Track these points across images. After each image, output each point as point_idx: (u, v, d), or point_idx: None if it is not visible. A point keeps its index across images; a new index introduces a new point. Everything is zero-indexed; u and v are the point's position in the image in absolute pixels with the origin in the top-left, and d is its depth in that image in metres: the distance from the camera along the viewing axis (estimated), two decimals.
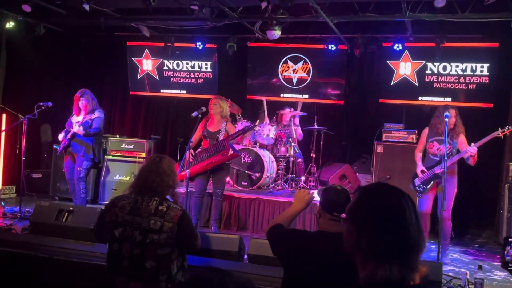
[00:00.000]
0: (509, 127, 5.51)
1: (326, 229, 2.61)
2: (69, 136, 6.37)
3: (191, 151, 5.94)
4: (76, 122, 6.38)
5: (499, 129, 5.53)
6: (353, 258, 1.55)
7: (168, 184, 2.96)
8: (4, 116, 8.23)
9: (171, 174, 3.00)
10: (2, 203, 7.23)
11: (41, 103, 6.57)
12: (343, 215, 1.62)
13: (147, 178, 2.94)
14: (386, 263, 1.43)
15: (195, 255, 4.13)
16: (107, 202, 3.14)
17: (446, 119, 5.15)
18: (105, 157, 7.91)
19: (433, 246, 6.32)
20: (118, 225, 2.85)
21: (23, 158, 6.56)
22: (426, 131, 5.78)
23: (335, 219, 2.59)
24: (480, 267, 4.33)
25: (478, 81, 7.84)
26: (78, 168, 6.36)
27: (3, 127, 8.16)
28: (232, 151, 5.97)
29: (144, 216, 2.82)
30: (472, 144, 5.42)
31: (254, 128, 7.80)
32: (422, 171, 5.65)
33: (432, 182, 5.58)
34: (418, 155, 5.83)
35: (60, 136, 6.48)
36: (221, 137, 6.07)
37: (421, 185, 5.65)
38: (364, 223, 1.50)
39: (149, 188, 2.90)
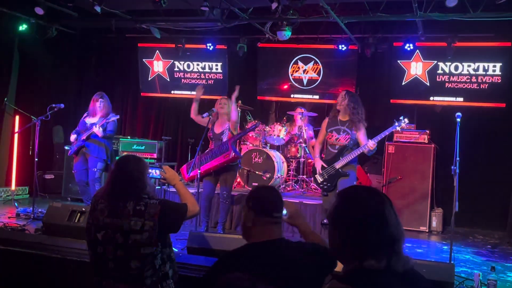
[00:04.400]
0: (405, 120, 5.47)
1: (268, 236, 2.30)
2: (83, 137, 6.41)
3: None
4: (92, 124, 6.42)
5: (395, 122, 5.49)
6: (338, 258, 1.73)
7: (138, 187, 2.91)
8: (17, 118, 8.33)
9: (140, 176, 2.93)
10: (16, 204, 7.30)
11: (54, 105, 6.63)
12: (325, 221, 1.75)
13: (116, 185, 2.91)
14: (373, 257, 1.56)
15: (209, 256, 4.14)
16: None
17: (458, 119, 5.07)
18: (117, 158, 7.96)
19: (445, 247, 6.29)
20: (100, 229, 2.83)
21: (36, 160, 6.62)
22: (326, 120, 5.70)
23: (277, 221, 2.35)
24: (493, 269, 4.29)
25: (491, 80, 7.77)
26: (93, 169, 6.40)
27: (16, 129, 8.26)
28: (233, 153, 5.90)
29: (124, 218, 2.80)
30: (370, 140, 5.33)
31: (265, 129, 7.80)
32: (323, 167, 5.54)
33: (336, 179, 5.45)
34: (317, 147, 5.72)
35: (72, 137, 6.52)
36: (225, 138, 6.03)
37: (325, 183, 5.53)
38: (347, 228, 1.63)
39: (121, 194, 2.88)
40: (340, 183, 5.43)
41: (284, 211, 2.44)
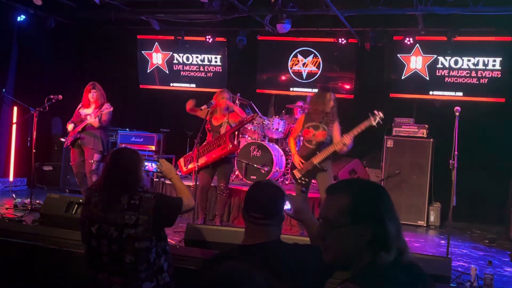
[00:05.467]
0: (377, 112, 5.45)
1: (251, 240, 2.16)
2: (78, 128, 6.40)
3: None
4: (87, 114, 6.41)
5: (370, 115, 5.47)
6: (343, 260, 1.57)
7: (133, 181, 2.88)
8: (15, 108, 8.31)
9: (135, 170, 2.90)
10: (13, 195, 7.30)
11: (52, 96, 6.61)
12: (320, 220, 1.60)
13: (111, 179, 2.88)
14: (390, 249, 1.52)
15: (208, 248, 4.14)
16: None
17: (457, 114, 5.06)
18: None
19: (442, 241, 6.30)
20: (93, 222, 2.81)
21: (34, 151, 6.61)
22: (303, 116, 5.81)
23: (255, 221, 2.15)
24: (490, 263, 4.30)
25: (490, 75, 7.75)
26: (90, 161, 6.39)
27: (14, 120, 8.23)
28: (231, 146, 5.88)
29: (118, 212, 2.77)
30: (345, 135, 5.42)
31: (264, 122, 7.79)
32: (302, 162, 5.61)
33: (313, 174, 5.56)
34: (293, 142, 5.86)
35: (70, 127, 6.50)
36: (223, 130, 6.00)
37: (303, 178, 5.59)
38: (377, 219, 1.52)
39: (115, 188, 2.85)
40: (319, 178, 5.57)
41: (288, 206, 2.28)
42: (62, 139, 6.89)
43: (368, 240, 1.51)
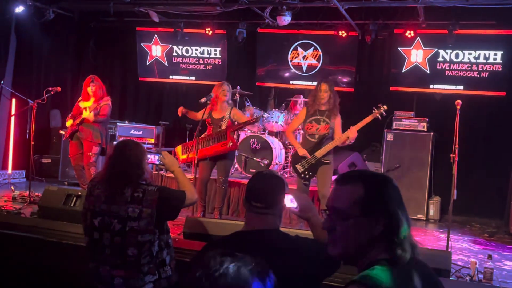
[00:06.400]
0: (381, 105, 5.50)
1: (249, 227, 2.22)
2: (77, 121, 6.39)
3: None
4: (85, 108, 6.40)
5: (374, 109, 5.52)
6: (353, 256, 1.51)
7: (136, 173, 2.86)
8: (13, 100, 8.28)
9: (138, 162, 2.88)
10: (12, 187, 7.28)
11: (50, 88, 6.59)
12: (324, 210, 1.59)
13: (114, 171, 2.85)
14: (409, 241, 1.48)
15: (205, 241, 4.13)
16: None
17: (458, 107, 5.03)
18: (114, 143, 7.93)
19: (442, 235, 6.29)
20: (96, 215, 2.79)
21: (32, 143, 6.59)
22: (304, 110, 5.77)
23: (255, 210, 2.20)
24: (489, 257, 4.29)
25: (491, 69, 7.71)
26: (89, 154, 6.38)
27: (13, 112, 8.20)
28: (231, 143, 5.84)
29: (121, 205, 2.76)
30: (350, 128, 5.42)
31: (263, 115, 7.76)
32: (305, 156, 5.59)
33: (316, 168, 5.55)
34: (292, 136, 5.90)
35: (68, 123, 6.51)
36: (224, 125, 5.95)
37: (306, 172, 5.60)
38: (390, 211, 1.48)
39: (119, 180, 2.82)
40: (320, 170, 5.57)
41: (294, 204, 2.28)
42: (61, 132, 6.88)
43: (379, 233, 1.46)
